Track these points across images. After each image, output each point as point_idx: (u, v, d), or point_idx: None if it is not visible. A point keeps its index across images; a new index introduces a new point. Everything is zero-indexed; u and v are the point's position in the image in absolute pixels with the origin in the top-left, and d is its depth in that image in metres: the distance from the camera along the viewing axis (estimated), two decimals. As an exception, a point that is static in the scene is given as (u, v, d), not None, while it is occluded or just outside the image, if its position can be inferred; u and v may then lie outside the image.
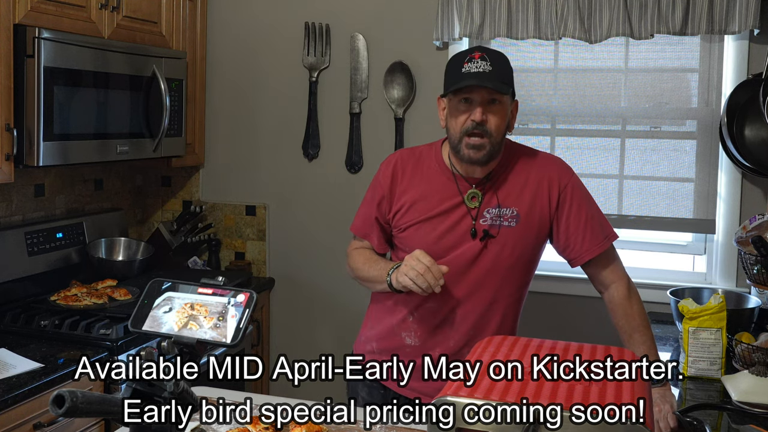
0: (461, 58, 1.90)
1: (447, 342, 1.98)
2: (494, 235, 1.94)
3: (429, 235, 1.96)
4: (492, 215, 1.94)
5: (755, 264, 2.33)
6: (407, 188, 2.01)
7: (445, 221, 1.96)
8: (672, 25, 2.75)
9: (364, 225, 2.11)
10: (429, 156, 2.04)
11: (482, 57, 1.86)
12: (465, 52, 1.91)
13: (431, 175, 2.00)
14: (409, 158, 2.05)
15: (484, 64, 1.85)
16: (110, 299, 2.65)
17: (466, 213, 1.95)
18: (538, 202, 1.96)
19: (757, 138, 2.72)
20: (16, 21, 2.35)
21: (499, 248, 1.94)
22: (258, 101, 3.38)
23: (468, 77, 1.85)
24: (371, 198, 2.09)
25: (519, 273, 1.99)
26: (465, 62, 1.87)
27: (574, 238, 1.96)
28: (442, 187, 1.98)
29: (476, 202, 1.95)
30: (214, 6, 3.39)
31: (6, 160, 2.34)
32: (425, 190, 1.99)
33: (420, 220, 1.98)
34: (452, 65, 1.93)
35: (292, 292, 3.39)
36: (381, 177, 2.06)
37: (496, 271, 1.95)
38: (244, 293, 1.41)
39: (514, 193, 1.96)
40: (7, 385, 2.01)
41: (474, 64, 1.86)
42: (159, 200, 3.56)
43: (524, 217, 1.95)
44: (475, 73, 1.84)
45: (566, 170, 2.01)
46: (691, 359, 2.14)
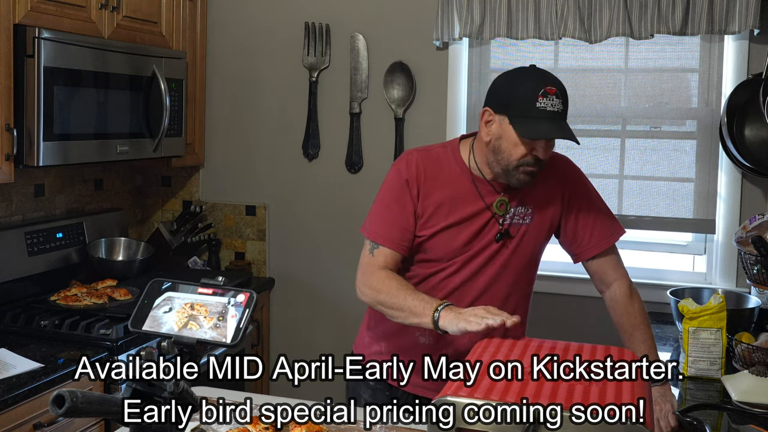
0: (535, 88, 1.79)
1: (461, 339, 1.97)
2: (513, 234, 1.95)
3: (454, 241, 1.93)
4: (511, 214, 1.95)
5: (755, 264, 2.33)
6: (431, 191, 1.94)
7: (470, 227, 1.93)
8: (672, 25, 2.75)
9: (388, 229, 1.94)
10: (447, 158, 1.98)
11: (556, 94, 1.80)
12: (538, 81, 1.81)
13: (453, 178, 1.95)
14: (428, 159, 1.97)
15: (558, 103, 1.79)
16: (110, 299, 2.65)
17: (490, 218, 1.93)
18: (550, 201, 1.98)
19: (757, 138, 2.71)
20: (16, 21, 2.35)
21: (515, 246, 1.96)
22: (258, 101, 3.38)
23: (544, 117, 1.78)
24: (395, 198, 1.95)
25: (530, 269, 2.02)
26: (539, 95, 1.78)
27: (582, 232, 1.98)
28: (466, 192, 1.94)
29: (503, 209, 1.93)
30: (214, 6, 3.39)
31: (6, 160, 2.34)
32: (449, 193, 1.94)
33: (446, 225, 1.93)
34: (524, 93, 1.80)
35: (292, 292, 3.39)
36: (406, 175, 1.95)
37: (511, 268, 1.96)
38: (244, 293, 1.41)
39: (529, 192, 1.96)
40: (7, 385, 2.01)
41: (549, 100, 1.78)
42: (159, 200, 3.56)
43: (538, 215, 1.97)
44: (551, 112, 1.78)
45: (575, 169, 2.04)
46: (691, 359, 2.14)
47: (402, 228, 1.93)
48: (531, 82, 1.81)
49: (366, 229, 1.97)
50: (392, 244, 1.93)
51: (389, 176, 1.99)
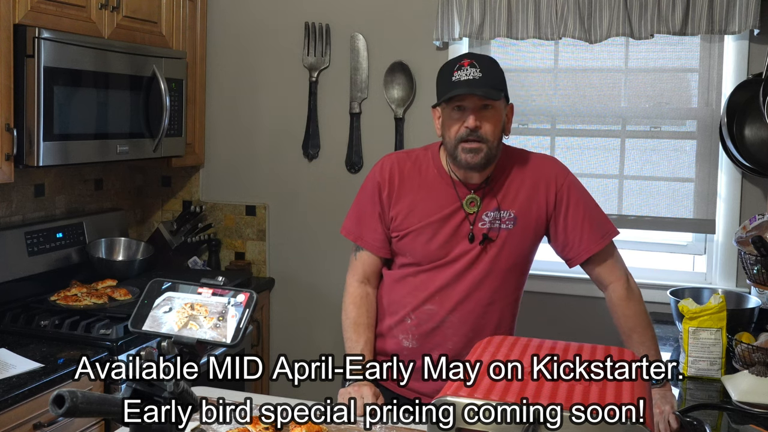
0: (451, 66, 1.90)
1: (445, 344, 1.98)
2: (493, 238, 1.94)
3: (429, 241, 1.96)
4: (491, 218, 1.95)
5: (755, 264, 2.33)
6: (405, 193, 1.99)
7: (444, 227, 1.95)
8: (672, 25, 2.75)
9: (361, 229, 2.04)
10: (426, 160, 2.02)
11: (471, 64, 1.86)
12: (454, 61, 1.91)
13: (430, 180, 1.99)
14: (405, 162, 2.03)
15: (474, 71, 1.85)
16: (110, 299, 2.65)
17: (464, 218, 1.95)
18: (534, 204, 1.96)
19: (757, 138, 2.72)
20: (16, 21, 2.35)
21: (497, 251, 1.95)
22: (258, 101, 3.38)
23: (458, 85, 1.84)
24: (368, 199, 2.04)
25: (516, 274, 2.00)
26: (455, 71, 1.87)
27: (572, 236, 1.96)
28: (442, 193, 1.97)
29: (474, 207, 1.95)
30: (214, 6, 3.39)
31: (6, 160, 2.34)
32: (425, 195, 1.98)
33: (420, 226, 1.96)
34: (443, 75, 1.92)
35: (292, 292, 3.39)
36: (378, 178, 2.02)
37: (494, 274, 1.96)
38: (244, 293, 1.41)
39: (511, 196, 1.96)
40: (7, 385, 2.01)
41: (463, 71, 1.86)
42: (159, 200, 3.56)
43: (521, 219, 1.95)
44: (465, 80, 1.84)
45: (562, 170, 2.01)
46: (691, 359, 2.14)
47: (372, 229, 2.03)
48: (450, 65, 1.91)
49: (344, 228, 2.10)
50: (367, 245, 2.04)
51: (366, 179, 2.08)
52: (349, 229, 2.08)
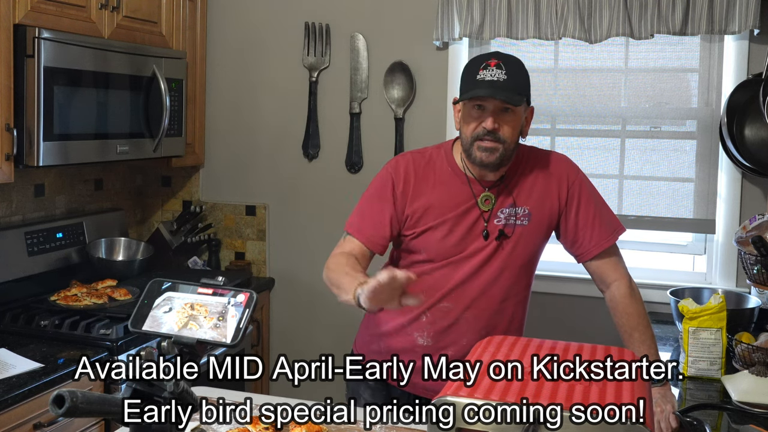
0: (477, 64, 1.88)
1: (460, 341, 1.98)
2: (509, 234, 1.95)
3: (445, 238, 1.95)
4: (506, 215, 1.95)
5: (755, 264, 2.33)
6: (421, 192, 1.98)
7: (460, 224, 1.95)
8: (672, 25, 2.75)
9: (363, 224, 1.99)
10: (440, 158, 2.01)
11: (498, 65, 1.84)
12: (482, 58, 1.89)
13: (445, 178, 1.98)
14: (419, 161, 2.01)
15: (499, 73, 1.84)
16: (110, 299, 2.65)
17: (479, 215, 1.95)
18: (547, 200, 1.98)
19: (757, 138, 2.71)
20: (16, 21, 2.34)
21: (512, 247, 1.96)
22: (258, 101, 3.38)
23: (481, 85, 1.83)
24: (376, 194, 2.00)
25: (528, 270, 2.02)
26: (480, 69, 1.86)
27: (583, 233, 1.98)
28: (457, 191, 1.97)
29: (489, 204, 1.95)
30: (214, 6, 3.38)
31: (6, 160, 2.34)
32: (440, 193, 1.97)
33: (435, 224, 1.96)
34: (468, 70, 1.91)
35: (292, 292, 3.39)
36: (393, 175, 1.99)
37: (509, 270, 1.97)
38: (244, 293, 1.41)
39: (525, 192, 1.97)
40: (7, 385, 2.01)
41: (489, 71, 1.84)
42: (159, 200, 3.56)
43: (536, 216, 1.97)
44: (489, 81, 1.83)
45: (573, 167, 2.04)
46: (691, 359, 2.14)
47: (376, 224, 1.97)
48: (477, 62, 1.89)
49: (348, 223, 2.03)
50: (362, 237, 1.97)
51: (378, 175, 2.04)
52: (351, 223, 2.03)
